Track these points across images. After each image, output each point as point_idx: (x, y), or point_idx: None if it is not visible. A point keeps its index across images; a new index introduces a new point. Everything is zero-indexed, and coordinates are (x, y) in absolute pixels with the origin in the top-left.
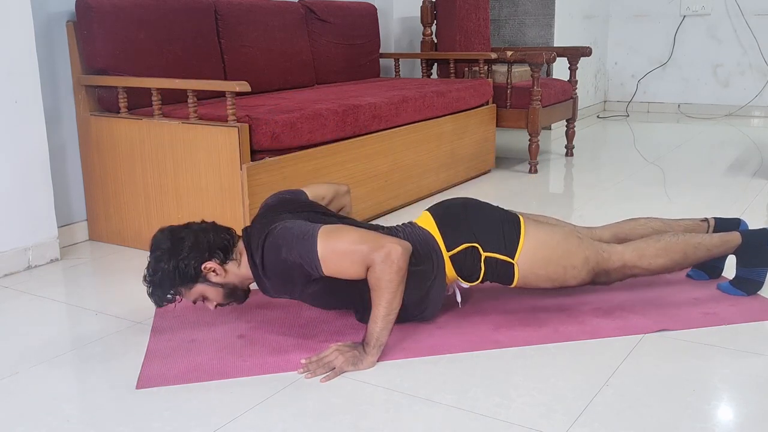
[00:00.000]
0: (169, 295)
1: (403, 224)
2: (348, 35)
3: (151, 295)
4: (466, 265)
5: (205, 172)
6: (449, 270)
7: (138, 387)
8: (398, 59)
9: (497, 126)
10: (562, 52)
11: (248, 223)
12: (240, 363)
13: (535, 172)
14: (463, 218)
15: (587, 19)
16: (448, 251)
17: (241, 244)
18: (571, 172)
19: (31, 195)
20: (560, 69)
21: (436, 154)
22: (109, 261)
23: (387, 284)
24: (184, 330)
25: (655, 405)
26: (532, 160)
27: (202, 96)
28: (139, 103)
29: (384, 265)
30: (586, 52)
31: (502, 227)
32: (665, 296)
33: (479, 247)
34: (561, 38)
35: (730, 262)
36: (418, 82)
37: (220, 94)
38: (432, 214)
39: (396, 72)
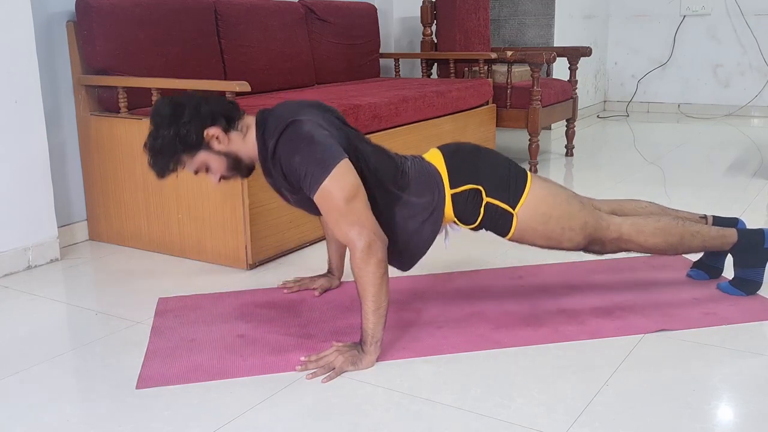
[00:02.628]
0: (171, 164)
1: (412, 156)
2: (348, 35)
3: (152, 165)
4: (466, 207)
5: None
6: (448, 209)
7: (138, 387)
8: (398, 59)
9: (497, 126)
10: (562, 52)
11: (247, 223)
12: (240, 363)
13: (535, 172)
14: (472, 160)
15: (587, 19)
16: (451, 189)
17: (249, 119)
18: (571, 172)
19: (31, 195)
20: (560, 69)
21: None
22: (109, 261)
23: (371, 279)
24: (184, 330)
25: (655, 405)
26: (532, 160)
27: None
28: (139, 103)
29: (363, 255)
30: (586, 52)
31: (509, 176)
32: (665, 296)
33: (483, 190)
34: (561, 38)
35: (730, 261)
36: (418, 82)
37: (220, 94)
38: (442, 152)
39: (396, 72)
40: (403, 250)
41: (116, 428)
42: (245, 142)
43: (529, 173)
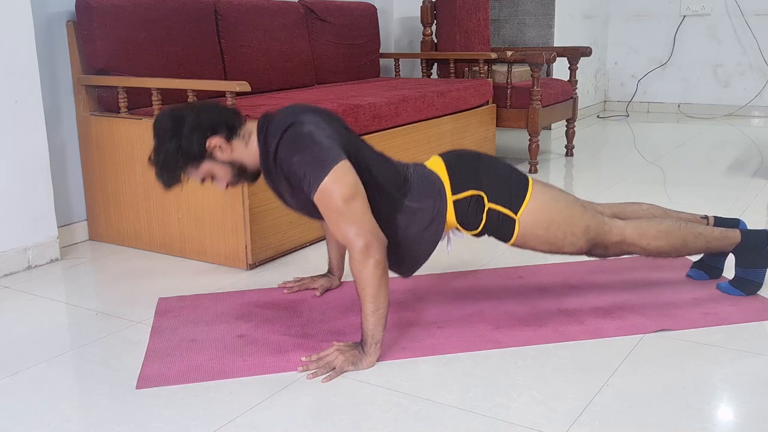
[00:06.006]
0: (176, 176)
1: (413, 163)
2: (348, 35)
3: (158, 176)
4: (468, 213)
5: None
6: (450, 215)
7: (138, 387)
8: (398, 59)
9: (497, 126)
10: (562, 52)
11: (247, 223)
12: (240, 363)
13: (535, 172)
14: (474, 166)
15: (587, 19)
16: (453, 195)
17: (251, 125)
18: (571, 172)
19: (31, 195)
20: (560, 69)
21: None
22: (109, 261)
23: (369, 280)
24: (184, 330)
25: (655, 405)
26: (532, 160)
27: (202, 96)
28: (139, 103)
29: (361, 256)
30: (586, 52)
31: (511, 182)
32: (665, 296)
33: (485, 196)
34: (561, 38)
35: (730, 262)
36: (418, 82)
37: (220, 94)
38: (443, 159)
39: (396, 72)
40: (404, 255)
41: (116, 428)
42: (248, 148)
43: (530, 178)
